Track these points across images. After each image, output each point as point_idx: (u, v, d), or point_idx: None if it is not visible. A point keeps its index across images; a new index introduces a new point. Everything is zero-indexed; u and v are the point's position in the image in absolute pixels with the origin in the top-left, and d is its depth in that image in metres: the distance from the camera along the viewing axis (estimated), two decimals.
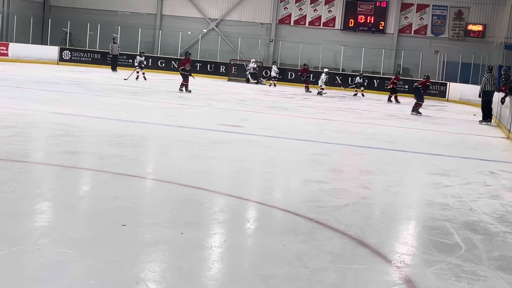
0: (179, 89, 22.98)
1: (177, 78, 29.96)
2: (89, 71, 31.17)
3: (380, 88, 36.02)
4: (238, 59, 38.58)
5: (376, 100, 29.08)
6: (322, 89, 29.78)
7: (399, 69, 36.52)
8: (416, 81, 35.39)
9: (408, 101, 27.68)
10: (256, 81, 34.97)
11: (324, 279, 4.43)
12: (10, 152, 8.39)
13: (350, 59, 39.09)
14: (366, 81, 30.56)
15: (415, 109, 22.06)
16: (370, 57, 38.31)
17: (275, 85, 33.52)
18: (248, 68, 35.52)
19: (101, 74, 30.92)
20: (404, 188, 8.61)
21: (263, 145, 11.28)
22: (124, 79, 26.88)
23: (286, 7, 40.82)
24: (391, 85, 28.31)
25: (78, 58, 38.28)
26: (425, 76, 24.21)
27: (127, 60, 38.07)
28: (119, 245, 4.79)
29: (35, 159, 8.45)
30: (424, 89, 22.72)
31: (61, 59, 37.80)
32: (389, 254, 5.13)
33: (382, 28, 39.49)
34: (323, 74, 30.66)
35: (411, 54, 37.89)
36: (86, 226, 5.31)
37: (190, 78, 23.18)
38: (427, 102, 30.37)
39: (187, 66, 23.35)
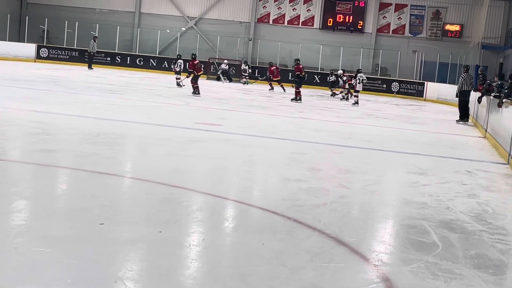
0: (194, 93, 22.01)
1: (155, 77, 29.89)
2: (66, 68, 31.00)
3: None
4: (217, 57, 38.53)
5: None
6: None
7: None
8: (393, 80, 35.73)
9: (385, 100, 27.76)
10: (228, 80, 34.97)
11: (303, 278, 4.43)
12: None
13: (329, 58, 39.19)
14: (344, 78, 29.00)
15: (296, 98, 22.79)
16: (348, 56, 38.44)
17: (247, 83, 33.71)
18: (219, 68, 35.58)
19: (79, 72, 30.73)
20: (382, 187, 8.65)
21: (241, 143, 11.28)
22: (181, 85, 25.69)
23: (265, 6, 40.84)
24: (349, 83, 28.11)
25: (56, 56, 38.03)
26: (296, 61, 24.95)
27: (105, 58, 37.90)
28: (97, 243, 4.77)
29: (12, 157, 8.38)
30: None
31: (38, 57, 37.54)
32: (367, 253, 5.15)
33: (360, 27, 39.64)
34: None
35: (389, 53, 38.10)
36: (64, 224, 5.27)
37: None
38: (405, 101, 30.57)
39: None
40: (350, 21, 39.72)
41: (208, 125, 13.07)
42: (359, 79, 24.94)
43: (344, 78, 28.23)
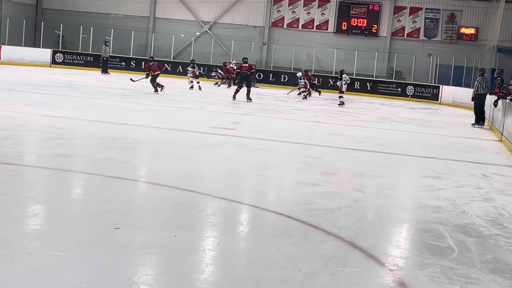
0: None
1: (169, 81, 29.94)
2: (81, 73, 31.16)
3: (373, 91, 36.10)
4: (231, 62, 38.54)
5: (369, 103, 29.12)
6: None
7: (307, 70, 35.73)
8: (408, 84, 35.61)
9: (400, 103, 27.63)
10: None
11: (317, 282, 4.42)
12: (1, 155, 8.35)
13: (343, 62, 39.08)
14: (310, 80, 29.07)
15: (248, 97, 22.74)
16: (363, 60, 38.35)
17: (227, 84, 33.34)
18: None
19: (93, 76, 30.87)
20: (397, 191, 8.62)
21: (255, 147, 11.27)
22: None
23: (279, 10, 40.82)
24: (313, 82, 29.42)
25: (71, 61, 38.21)
26: (244, 59, 24.64)
27: (119, 63, 38.04)
28: (112, 248, 4.77)
29: (27, 162, 8.42)
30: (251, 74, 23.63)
31: (53, 62, 37.71)
32: (382, 257, 5.13)
33: (375, 31, 39.54)
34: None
35: (404, 57, 37.96)
36: (79, 229, 5.29)
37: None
38: (420, 105, 30.47)
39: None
40: (365, 24, 39.62)
41: (222, 130, 13.08)
42: (344, 80, 25.16)
43: (305, 78, 28.73)
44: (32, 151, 9.54)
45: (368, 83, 36.70)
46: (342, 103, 24.68)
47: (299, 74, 30.30)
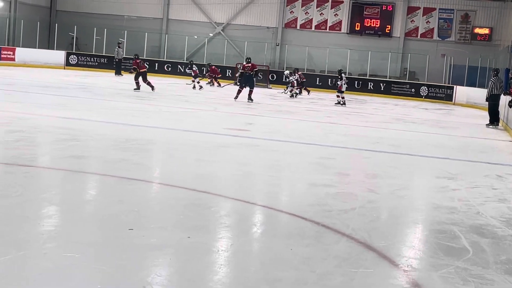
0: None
1: (183, 82, 30.02)
2: (95, 75, 31.28)
3: (387, 91, 36.03)
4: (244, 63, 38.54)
5: (382, 104, 29.06)
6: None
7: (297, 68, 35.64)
8: (421, 85, 35.49)
9: (413, 104, 27.50)
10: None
11: (331, 283, 4.41)
12: (16, 157, 8.40)
13: (357, 62, 39.08)
14: (291, 78, 28.97)
15: (250, 97, 22.60)
16: (376, 61, 38.29)
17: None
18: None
19: (107, 78, 30.98)
20: (411, 192, 8.59)
21: (268, 149, 11.27)
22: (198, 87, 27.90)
23: (292, 11, 40.82)
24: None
25: (85, 63, 38.37)
26: (247, 59, 24.52)
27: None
28: (126, 249, 4.78)
29: (41, 164, 8.46)
30: (255, 75, 23.55)
31: (67, 64, 37.89)
32: (396, 258, 5.11)
33: (388, 31, 39.45)
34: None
35: (418, 57, 37.85)
36: (92, 230, 5.31)
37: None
38: (433, 105, 30.37)
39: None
40: (378, 25, 39.55)
41: (236, 131, 13.09)
42: (344, 80, 25.20)
43: (291, 77, 28.88)
44: (46, 152, 9.58)
45: (381, 84, 36.64)
46: (342, 103, 24.71)
47: (286, 72, 30.43)
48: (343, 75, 25.24)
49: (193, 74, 28.73)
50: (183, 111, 17.73)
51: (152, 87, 23.34)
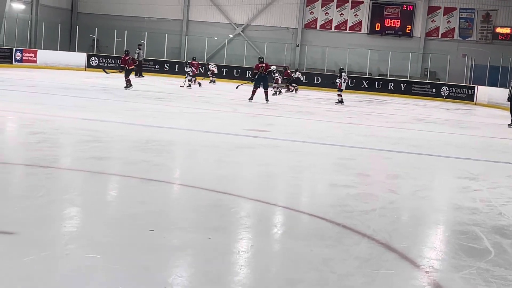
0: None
1: (203, 83, 30.04)
2: (116, 77, 31.35)
3: (407, 92, 35.89)
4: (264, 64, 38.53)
5: (403, 104, 28.94)
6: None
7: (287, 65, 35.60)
8: (442, 85, 35.28)
9: (434, 104, 27.34)
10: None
11: (352, 284, 4.40)
12: (38, 158, 8.46)
13: (377, 63, 38.96)
14: (277, 75, 29.30)
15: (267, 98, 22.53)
16: (397, 61, 38.12)
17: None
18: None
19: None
20: (432, 192, 8.54)
21: (289, 149, 11.26)
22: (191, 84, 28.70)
23: (312, 12, 40.76)
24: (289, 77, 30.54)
25: (105, 64, 38.50)
26: (260, 59, 24.50)
27: (153, 66, 38.31)
28: (147, 250, 4.81)
29: (63, 165, 8.52)
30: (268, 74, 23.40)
31: (88, 65, 38.10)
32: (417, 259, 5.09)
33: (409, 31, 39.28)
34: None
35: (439, 57, 37.64)
36: (114, 231, 5.33)
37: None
38: (455, 106, 30.20)
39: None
40: (398, 25, 39.38)
41: (256, 132, 13.09)
42: (343, 78, 25.09)
43: (277, 74, 28.86)
44: (68, 153, 9.65)
45: (402, 84, 36.50)
46: (340, 102, 24.73)
47: (273, 67, 30.38)
48: (343, 74, 25.22)
49: (191, 74, 29.49)
50: (204, 112, 17.77)
51: (127, 86, 24.14)
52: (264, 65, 23.26)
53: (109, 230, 5.37)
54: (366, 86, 36.68)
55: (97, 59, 38.61)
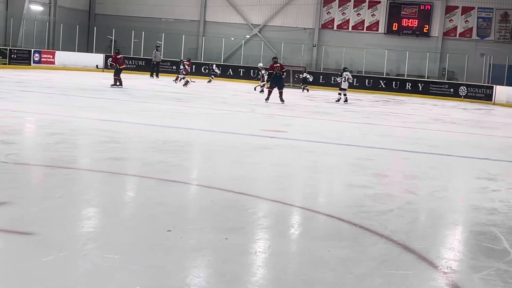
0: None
1: (220, 84, 30.08)
2: (133, 78, 31.47)
3: (425, 92, 35.73)
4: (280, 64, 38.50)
5: (421, 104, 28.82)
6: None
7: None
8: (460, 84, 35.09)
9: (452, 104, 27.20)
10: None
11: (369, 285, 4.39)
12: (56, 159, 8.52)
13: (394, 63, 38.82)
14: (263, 72, 29.37)
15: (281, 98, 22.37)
16: (414, 61, 37.96)
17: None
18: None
19: (145, 80, 31.23)
20: (450, 193, 8.50)
21: (306, 150, 11.25)
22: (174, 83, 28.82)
23: (329, 12, 40.70)
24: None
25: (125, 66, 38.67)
26: (274, 59, 24.53)
27: (170, 67, 38.41)
28: (164, 250, 4.82)
29: (81, 166, 8.56)
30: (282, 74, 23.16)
31: (106, 67, 38.20)
32: (435, 260, 5.07)
33: (426, 31, 39.11)
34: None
35: (456, 57, 37.44)
36: (132, 231, 5.36)
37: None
38: (473, 105, 30.03)
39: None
40: (416, 25, 39.24)
41: (273, 132, 13.09)
42: (344, 77, 25.07)
43: (263, 71, 28.88)
44: (86, 154, 9.69)
45: (419, 84, 36.35)
46: (344, 100, 24.88)
47: (260, 64, 30.54)
48: (344, 73, 25.28)
49: (184, 72, 29.92)
50: (221, 113, 17.78)
51: (115, 84, 24.45)
52: (279, 65, 23.20)
53: (127, 230, 5.39)
54: (384, 86, 36.56)
55: None
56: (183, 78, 29.69)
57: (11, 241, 4.90)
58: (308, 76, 33.15)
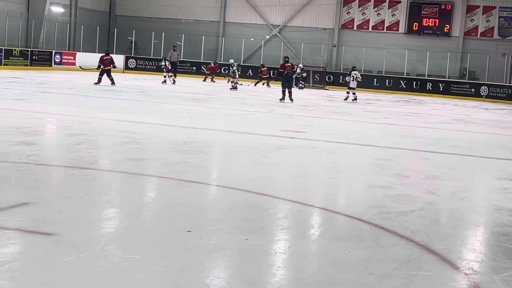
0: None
1: (238, 85, 30.09)
2: (153, 78, 31.57)
3: (446, 92, 35.53)
4: (301, 64, 38.49)
5: (441, 104, 28.67)
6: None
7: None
8: (481, 84, 34.85)
9: (474, 104, 27.01)
10: (301, 86, 34.85)
11: (390, 286, 4.37)
12: (77, 160, 8.56)
13: (415, 63, 38.64)
14: (234, 68, 29.57)
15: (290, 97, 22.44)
16: (435, 61, 37.76)
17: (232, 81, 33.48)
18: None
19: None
20: (471, 194, 8.45)
21: (326, 150, 11.23)
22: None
23: (349, 12, 40.58)
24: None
25: (143, 66, 38.88)
26: (285, 58, 24.41)
27: (190, 68, 38.51)
28: (184, 250, 4.83)
29: (102, 166, 8.60)
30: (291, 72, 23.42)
31: (126, 68, 38.42)
32: (456, 261, 5.04)
33: (447, 31, 38.88)
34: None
35: (477, 57, 37.19)
36: (152, 232, 5.37)
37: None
38: (494, 105, 29.82)
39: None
40: (437, 24, 39.00)
41: (293, 133, 13.07)
42: (353, 76, 25.25)
43: (234, 67, 29.39)
44: (106, 155, 9.74)
45: (440, 84, 36.17)
46: (352, 99, 25.08)
47: (231, 60, 30.81)
48: (353, 72, 25.48)
49: (165, 70, 29.88)
50: (240, 113, 17.79)
51: (98, 82, 24.77)
52: (290, 64, 23.24)
53: (147, 231, 5.41)
54: (404, 86, 36.41)
55: (135, 61, 38.99)
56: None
57: (33, 241, 4.93)
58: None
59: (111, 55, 26.62)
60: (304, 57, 39.68)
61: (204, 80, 34.35)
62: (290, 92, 22.45)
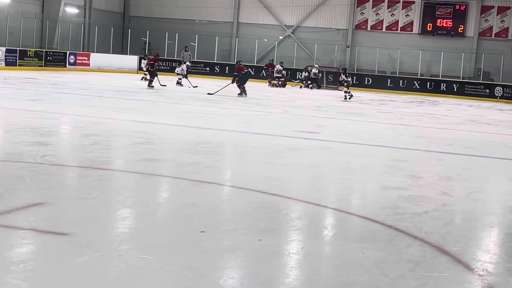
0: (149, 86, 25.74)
1: (253, 85, 30.12)
2: (167, 79, 31.64)
3: (460, 92, 35.41)
4: (314, 65, 38.48)
5: (456, 105, 28.56)
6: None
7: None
8: (496, 85, 34.69)
9: (488, 105, 26.87)
10: (317, 86, 34.85)
11: (404, 287, 4.36)
12: (91, 160, 8.59)
13: (429, 63, 38.52)
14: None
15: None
16: (449, 61, 37.63)
17: (278, 85, 34.08)
18: (310, 73, 35.25)
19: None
20: (486, 195, 8.41)
21: (339, 151, 11.21)
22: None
23: (362, 13, 40.52)
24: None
25: (157, 67, 38.79)
26: (239, 62, 25.64)
27: (204, 68, 38.56)
28: (198, 251, 4.83)
29: (116, 167, 8.62)
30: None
31: (140, 68, 38.44)
32: (471, 262, 5.02)
33: (461, 31, 38.73)
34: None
35: (492, 57, 37.03)
36: (166, 232, 5.38)
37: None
38: (509, 106, 29.66)
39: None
40: (451, 25, 38.87)
41: (306, 133, 13.06)
42: (343, 77, 26.49)
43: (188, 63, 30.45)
44: (121, 155, 9.77)
45: (454, 85, 36.05)
46: (349, 97, 25.81)
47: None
48: (342, 72, 26.79)
49: (145, 69, 30.24)
50: (254, 114, 17.80)
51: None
52: (242, 66, 24.74)
53: (161, 231, 5.42)
54: (418, 87, 36.33)
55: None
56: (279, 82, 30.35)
57: (47, 241, 4.95)
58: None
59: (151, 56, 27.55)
60: (317, 58, 39.66)
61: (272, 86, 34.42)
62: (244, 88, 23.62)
